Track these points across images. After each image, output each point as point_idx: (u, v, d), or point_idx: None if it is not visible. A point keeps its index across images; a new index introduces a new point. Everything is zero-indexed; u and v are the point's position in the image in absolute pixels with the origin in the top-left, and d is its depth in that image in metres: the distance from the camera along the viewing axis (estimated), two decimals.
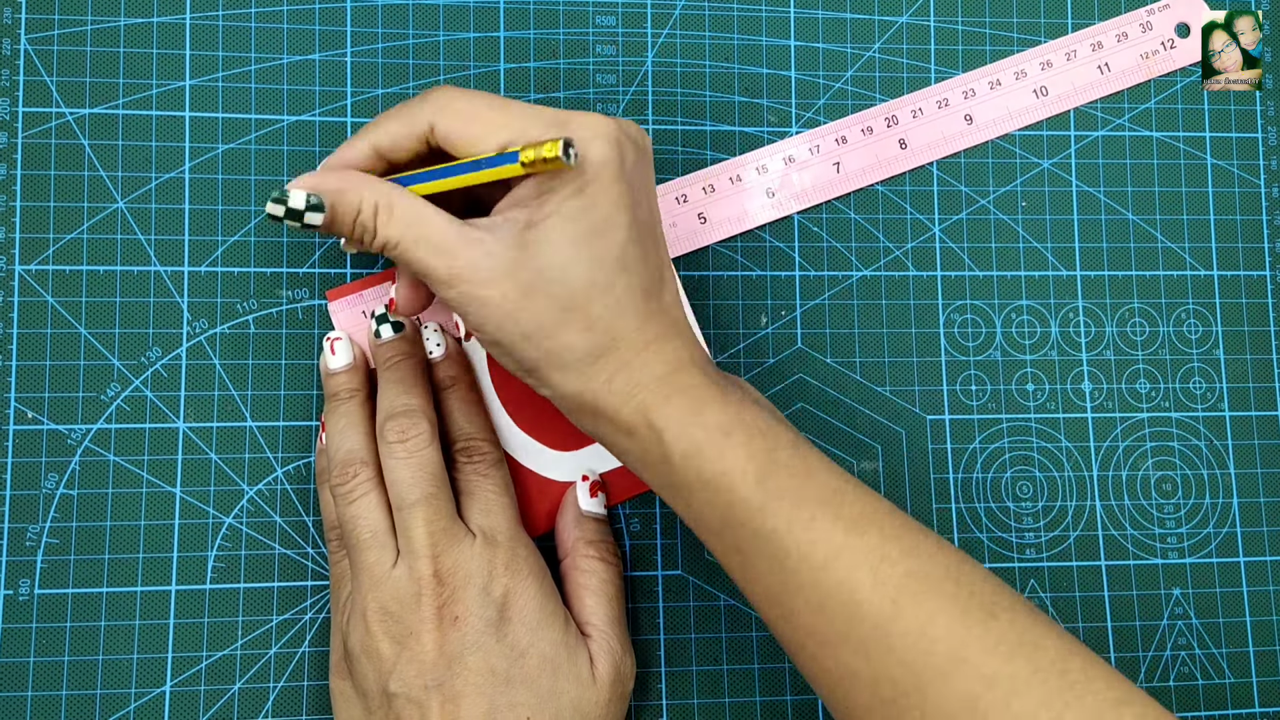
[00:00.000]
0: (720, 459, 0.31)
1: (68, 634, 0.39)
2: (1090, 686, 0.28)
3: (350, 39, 0.42)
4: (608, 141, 0.31)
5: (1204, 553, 0.43)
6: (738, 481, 0.31)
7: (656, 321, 0.33)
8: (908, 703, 0.29)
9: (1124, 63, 0.45)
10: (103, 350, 0.40)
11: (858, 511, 0.31)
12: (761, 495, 0.31)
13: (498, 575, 0.35)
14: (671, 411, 0.32)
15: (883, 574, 0.30)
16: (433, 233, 0.32)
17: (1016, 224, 0.44)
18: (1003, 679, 0.28)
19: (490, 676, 0.34)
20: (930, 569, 0.30)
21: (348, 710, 0.36)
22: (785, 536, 0.31)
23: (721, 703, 0.41)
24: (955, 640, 0.29)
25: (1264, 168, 0.45)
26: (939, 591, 0.30)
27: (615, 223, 0.31)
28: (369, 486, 0.36)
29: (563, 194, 0.31)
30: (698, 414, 0.32)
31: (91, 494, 0.39)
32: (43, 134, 0.40)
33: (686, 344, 0.33)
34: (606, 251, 0.31)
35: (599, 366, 0.32)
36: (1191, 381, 0.44)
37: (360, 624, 0.34)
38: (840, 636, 0.30)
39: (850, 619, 0.30)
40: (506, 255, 0.31)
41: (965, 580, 0.30)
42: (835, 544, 0.30)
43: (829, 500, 0.31)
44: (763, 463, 0.31)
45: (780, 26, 0.44)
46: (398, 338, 0.39)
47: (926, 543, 0.31)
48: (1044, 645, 0.29)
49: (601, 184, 0.31)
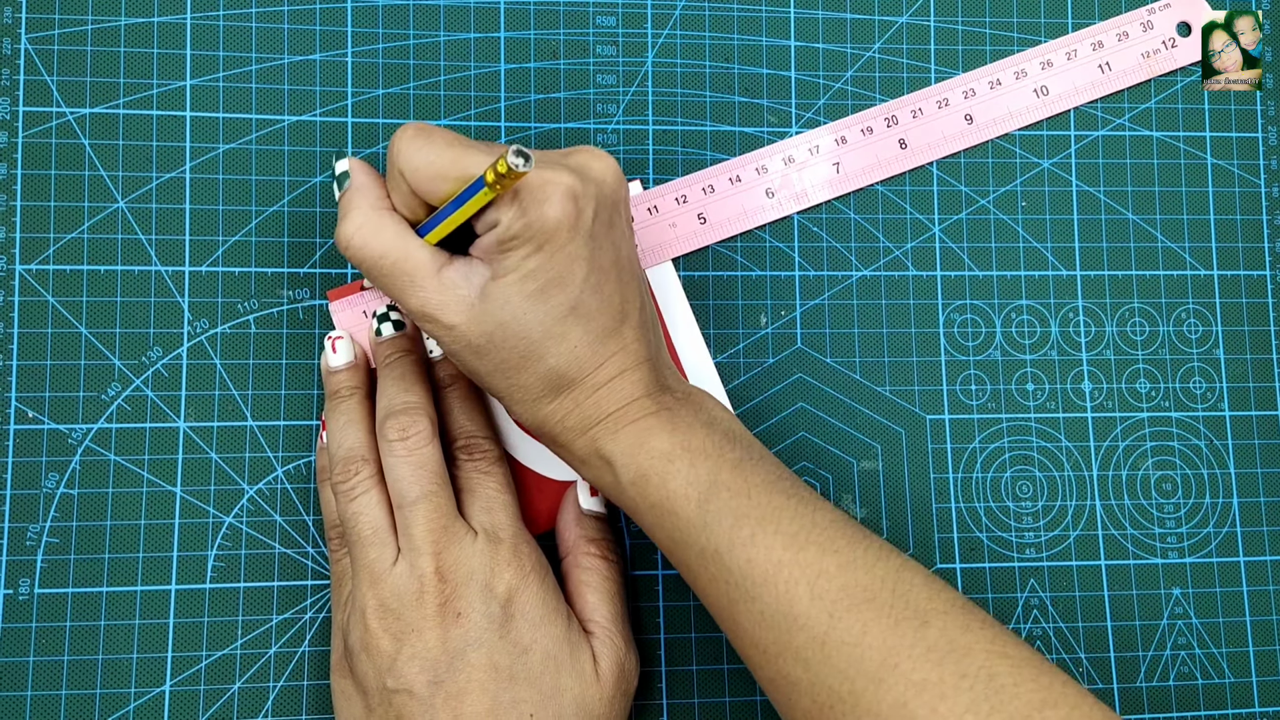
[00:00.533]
0: (664, 485, 0.33)
1: (67, 633, 0.39)
2: (1017, 690, 0.29)
3: (351, 39, 0.42)
4: (565, 199, 0.32)
5: (1204, 552, 0.43)
6: (680, 505, 0.33)
7: (613, 362, 0.34)
8: (843, 708, 0.30)
9: (1125, 62, 0.45)
10: (103, 350, 0.40)
11: (796, 528, 0.32)
12: (703, 516, 0.33)
13: (500, 572, 0.35)
14: (619, 443, 0.34)
15: (819, 588, 0.31)
16: (411, 267, 0.33)
17: (1016, 224, 0.44)
18: (931, 684, 0.29)
19: (493, 673, 0.34)
20: (867, 580, 0.31)
21: (349, 708, 0.36)
22: (726, 555, 0.32)
23: (722, 702, 0.41)
24: (887, 648, 0.30)
25: (1264, 167, 0.45)
26: (874, 602, 0.31)
27: (570, 277, 0.32)
28: (370, 484, 0.36)
29: (520, 252, 0.32)
30: (644, 444, 0.33)
31: (92, 493, 0.39)
32: (43, 133, 0.40)
33: (641, 378, 0.34)
34: (561, 304, 0.33)
35: (554, 406, 0.34)
36: (1191, 381, 0.44)
37: (360, 621, 0.34)
38: (781, 647, 0.32)
39: (789, 630, 0.31)
40: (472, 303, 0.33)
41: (902, 589, 0.31)
42: (774, 560, 0.32)
43: (768, 518, 0.33)
44: (704, 486, 0.33)
45: (780, 26, 0.44)
46: (398, 336, 0.39)
47: (866, 555, 0.32)
48: (974, 650, 0.30)
49: (557, 243, 0.32)
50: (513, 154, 0.29)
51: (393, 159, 0.33)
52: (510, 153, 0.29)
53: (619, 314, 0.34)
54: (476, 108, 0.42)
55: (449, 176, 0.32)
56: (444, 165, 0.32)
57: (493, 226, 0.32)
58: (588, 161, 0.33)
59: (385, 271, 0.34)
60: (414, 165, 0.33)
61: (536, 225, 0.32)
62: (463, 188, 0.32)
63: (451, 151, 0.32)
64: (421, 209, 0.34)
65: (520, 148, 0.29)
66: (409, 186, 0.33)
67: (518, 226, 0.32)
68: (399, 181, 0.33)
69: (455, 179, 0.32)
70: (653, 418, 0.34)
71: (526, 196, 0.32)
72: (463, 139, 0.33)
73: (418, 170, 0.33)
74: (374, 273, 0.34)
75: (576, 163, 0.33)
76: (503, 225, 0.32)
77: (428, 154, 0.32)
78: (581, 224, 0.32)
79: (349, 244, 0.34)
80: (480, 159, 0.32)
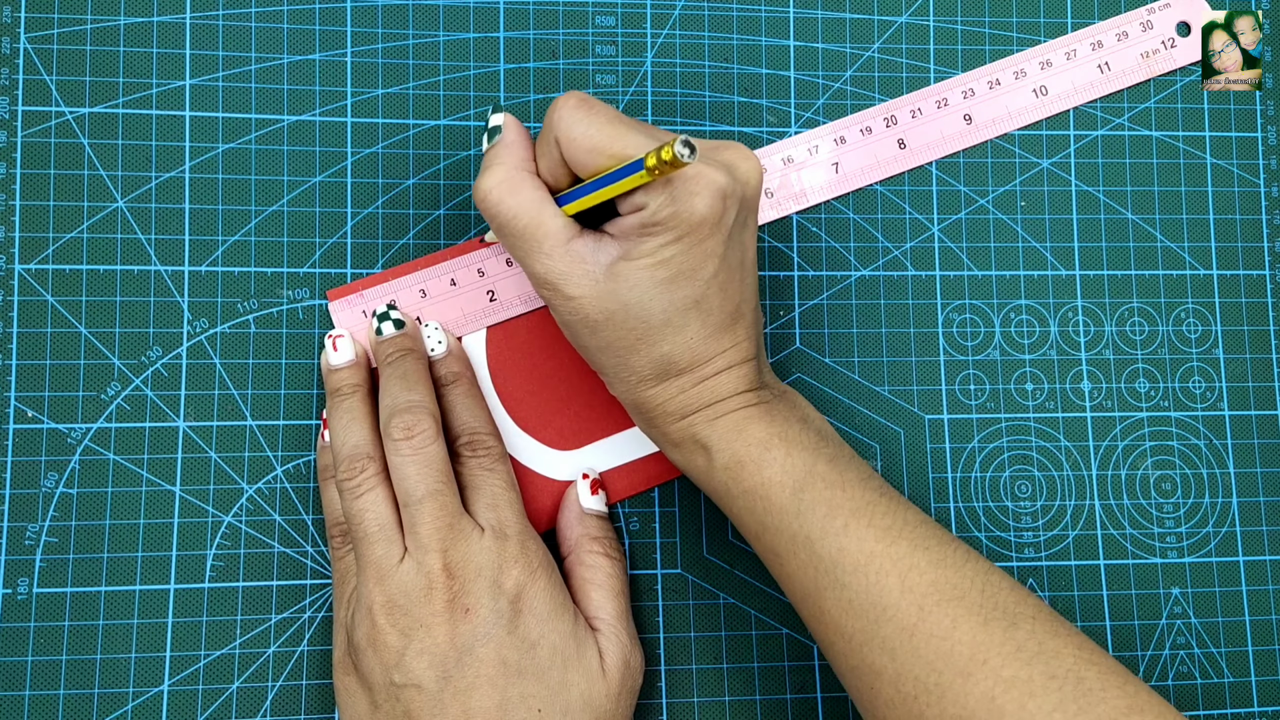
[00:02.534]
0: (759, 471, 0.34)
1: (66, 633, 0.39)
2: (1104, 695, 0.30)
3: (350, 39, 0.42)
4: (714, 196, 0.32)
5: (1203, 552, 0.43)
6: (775, 492, 0.34)
7: (723, 357, 0.34)
8: (929, 699, 0.31)
9: (1124, 62, 0.45)
10: (103, 349, 0.40)
11: (889, 522, 0.33)
12: (796, 504, 0.33)
13: (508, 568, 0.35)
14: (717, 430, 0.34)
15: (910, 581, 0.32)
16: (543, 234, 0.33)
17: (1015, 223, 0.44)
18: (1020, 681, 0.30)
19: (502, 668, 0.34)
20: (957, 579, 0.32)
21: (353, 705, 0.36)
22: (818, 543, 0.33)
23: (721, 701, 0.41)
24: (977, 644, 0.31)
25: (1264, 167, 0.45)
26: (964, 600, 0.31)
27: (701, 271, 0.33)
28: (375, 481, 0.36)
29: (660, 239, 0.32)
30: (741, 432, 0.34)
31: (91, 493, 0.39)
32: (42, 133, 0.40)
33: (746, 373, 0.35)
34: (686, 296, 0.33)
35: (657, 390, 0.35)
36: (1191, 381, 0.44)
37: (367, 618, 0.34)
38: (867, 635, 0.32)
39: (877, 620, 0.32)
40: (597, 279, 0.33)
41: (990, 590, 0.32)
42: (866, 551, 0.32)
43: (861, 511, 0.33)
44: (800, 475, 0.34)
45: (779, 26, 0.44)
46: (399, 334, 0.39)
47: (955, 555, 0.33)
48: (1062, 654, 0.31)
49: (697, 236, 0.32)
50: (680, 144, 0.29)
51: (551, 124, 0.33)
52: (678, 143, 0.29)
53: (736, 311, 0.34)
54: (476, 107, 0.42)
55: (605, 152, 0.32)
56: (602, 140, 0.32)
57: (638, 209, 0.32)
58: (736, 161, 0.33)
59: (515, 232, 0.34)
60: (572, 135, 0.33)
61: (683, 216, 0.32)
62: (616, 166, 0.32)
63: (612, 128, 0.32)
64: (566, 178, 0.34)
65: (688, 139, 0.29)
66: (560, 154, 0.33)
67: (665, 214, 0.32)
68: (551, 147, 0.33)
69: (610, 156, 0.32)
70: (752, 409, 0.35)
71: (679, 187, 0.32)
72: (624, 117, 0.33)
73: (574, 140, 0.33)
74: (504, 231, 0.34)
75: (726, 160, 0.33)
76: (649, 210, 0.32)
77: (587, 126, 0.32)
78: (724, 223, 0.33)
79: (485, 198, 0.34)
80: (639, 141, 0.32)
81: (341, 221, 0.41)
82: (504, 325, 0.41)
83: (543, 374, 0.41)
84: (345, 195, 0.42)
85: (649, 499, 0.42)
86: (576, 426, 0.41)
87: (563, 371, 0.41)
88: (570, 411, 0.41)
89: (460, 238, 0.42)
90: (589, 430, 0.41)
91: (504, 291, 0.41)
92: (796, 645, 0.41)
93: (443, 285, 0.41)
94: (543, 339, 0.41)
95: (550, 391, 0.41)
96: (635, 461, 0.41)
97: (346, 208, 0.42)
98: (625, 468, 0.41)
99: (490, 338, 0.41)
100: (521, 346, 0.41)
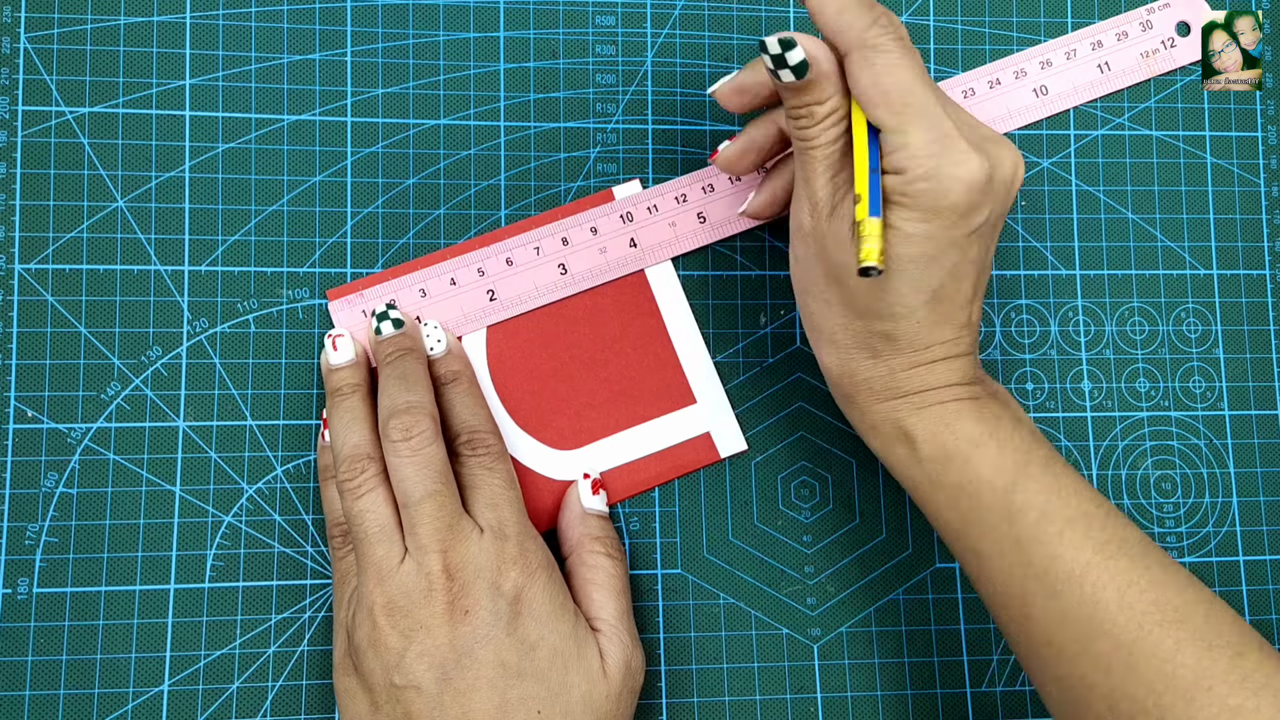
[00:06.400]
0: (968, 467, 0.33)
1: (66, 633, 0.39)
2: None
3: (350, 39, 0.42)
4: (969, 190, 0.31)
5: (1203, 552, 0.43)
6: (984, 490, 0.33)
7: (941, 347, 0.34)
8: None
9: (1124, 62, 0.45)
10: (103, 349, 0.40)
11: (1108, 536, 0.32)
12: (1007, 505, 0.33)
13: (508, 569, 0.35)
14: (923, 420, 0.34)
15: (1129, 598, 0.31)
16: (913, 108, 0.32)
17: (1015, 223, 0.44)
18: (1248, 711, 0.29)
19: (501, 670, 0.34)
20: (1179, 602, 0.31)
21: (354, 707, 0.35)
22: (1029, 547, 0.32)
23: (721, 701, 0.41)
24: (1201, 669, 0.30)
25: (1264, 167, 0.45)
26: (1187, 624, 0.31)
27: (942, 260, 0.32)
28: (376, 482, 0.36)
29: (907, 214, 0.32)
30: (950, 425, 0.34)
31: (91, 493, 0.39)
32: (42, 132, 0.40)
33: (961, 365, 0.34)
34: (926, 283, 0.33)
35: (868, 363, 0.34)
36: (1191, 380, 0.44)
37: (367, 618, 0.34)
38: (1080, 649, 0.31)
39: (1092, 635, 0.31)
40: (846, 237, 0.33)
41: (1214, 619, 0.31)
42: (1082, 562, 0.32)
43: (1077, 520, 0.32)
44: (1011, 475, 0.33)
45: (780, 27, 0.44)
46: (398, 334, 0.39)
47: (1177, 578, 0.32)
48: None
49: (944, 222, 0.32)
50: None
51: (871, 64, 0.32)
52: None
53: (965, 305, 0.34)
54: (476, 107, 0.42)
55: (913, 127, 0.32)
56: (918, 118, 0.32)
57: (898, 172, 0.32)
58: (1003, 158, 0.33)
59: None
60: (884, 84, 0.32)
61: (937, 195, 0.31)
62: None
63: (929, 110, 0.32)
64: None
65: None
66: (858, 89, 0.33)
67: (918, 188, 0.31)
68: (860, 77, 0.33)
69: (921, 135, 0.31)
70: (964, 403, 0.34)
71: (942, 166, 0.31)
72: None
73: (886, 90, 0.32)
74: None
75: (996, 156, 0.33)
76: (905, 177, 0.31)
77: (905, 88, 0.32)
78: (974, 218, 0.32)
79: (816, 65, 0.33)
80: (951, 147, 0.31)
81: (341, 221, 0.41)
82: (504, 325, 0.41)
83: (543, 374, 0.41)
84: (345, 195, 0.42)
85: (649, 499, 0.42)
86: (577, 426, 0.41)
87: (563, 371, 0.41)
88: (570, 411, 0.41)
89: (460, 238, 0.42)
90: (589, 430, 0.41)
91: (504, 291, 0.41)
92: (796, 645, 0.41)
93: (443, 285, 0.41)
94: (543, 338, 0.41)
95: (550, 391, 0.41)
96: (636, 461, 0.41)
97: (346, 207, 0.41)
98: (626, 468, 0.41)
99: (490, 337, 0.41)
100: (522, 346, 0.41)
